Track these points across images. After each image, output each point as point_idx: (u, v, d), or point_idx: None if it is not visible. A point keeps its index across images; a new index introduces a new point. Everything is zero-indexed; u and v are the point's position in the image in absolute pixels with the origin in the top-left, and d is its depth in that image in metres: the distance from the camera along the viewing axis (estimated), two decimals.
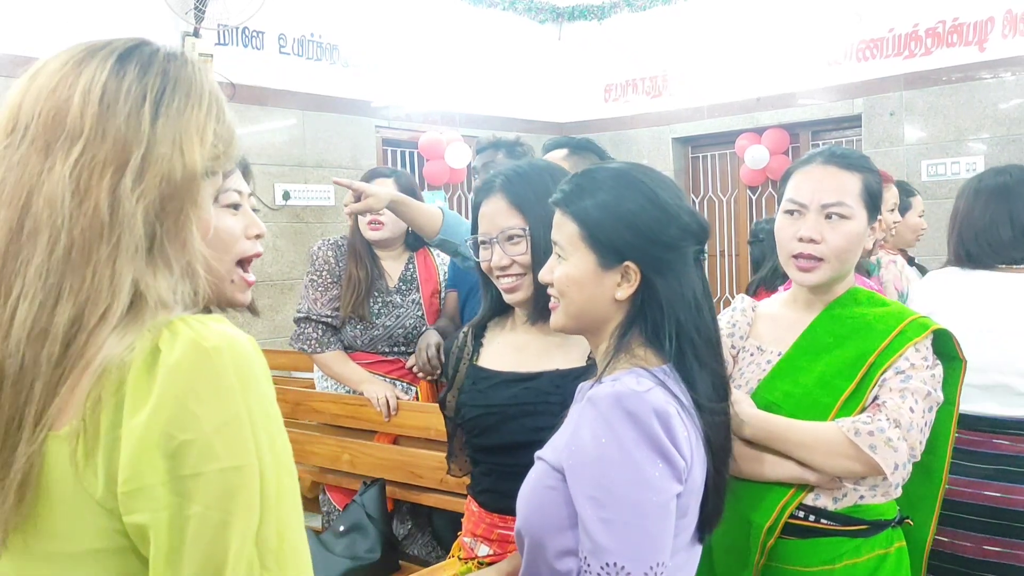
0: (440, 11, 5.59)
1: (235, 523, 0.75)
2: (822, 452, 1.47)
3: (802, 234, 1.55)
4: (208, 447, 0.75)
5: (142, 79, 0.84)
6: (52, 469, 0.77)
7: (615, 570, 1.08)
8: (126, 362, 0.76)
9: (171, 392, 0.75)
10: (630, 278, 1.20)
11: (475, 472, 1.67)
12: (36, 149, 0.81)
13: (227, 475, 0.75)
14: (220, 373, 0.77)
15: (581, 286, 1.22)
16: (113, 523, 0.77)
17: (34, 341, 0.77)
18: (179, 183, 0.83)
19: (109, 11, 4.06)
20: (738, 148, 5.72)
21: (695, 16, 5.77)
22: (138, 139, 0.82)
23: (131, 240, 0.80)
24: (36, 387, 0.77)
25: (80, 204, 0.79)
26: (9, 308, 0.78)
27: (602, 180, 1.25)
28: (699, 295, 1.22)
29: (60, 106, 0.82)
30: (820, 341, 1.59)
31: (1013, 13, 4.68)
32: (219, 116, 0.89)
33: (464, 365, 1.65)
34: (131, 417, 0.75)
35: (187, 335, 0.78)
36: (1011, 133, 4.72)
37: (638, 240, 1.20)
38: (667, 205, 1.22)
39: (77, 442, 0.76)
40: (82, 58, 0.85)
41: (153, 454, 0.74)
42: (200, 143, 0.86)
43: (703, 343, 1.21)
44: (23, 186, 0.80)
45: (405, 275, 2.82)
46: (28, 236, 0.79)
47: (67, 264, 0.78)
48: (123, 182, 0.80)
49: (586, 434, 1.13)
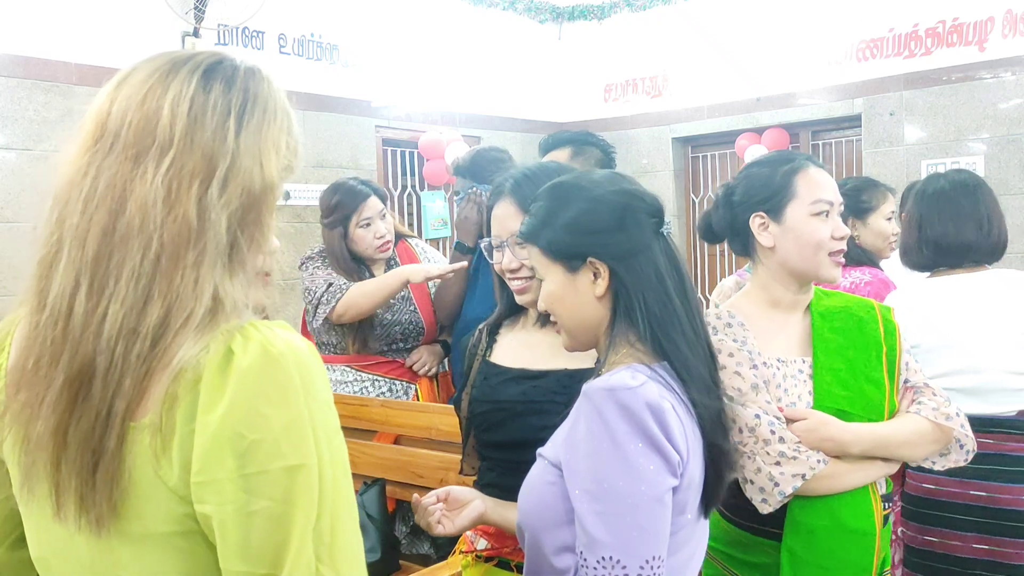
0: (440, 11, 5.59)
1: (296, 517, 0.80)
2: (921, 444, 1.58)
3: (841, 233, 1.63)
4: (275, 446, 0.80)
5: (227, 94, 0.89)
6: (132, 456, 0.82)
7: (610, 564, 1.09)
8: (201, 362, 0.81)
9: (243, 394, 0.80)
10: (600, 272, 1.24)
11: (482, 467, 1.69)
12: (127, 157, 0.85)
13: (291, 473, 0.80)
14: (286, 378, 0.82)
15: (562, 298, 1.28)
16: (185, 508, 0.82)
17: (125, 339, 0.82)
18: (258, 194, 0.89)
19: (110, 11, 4.06)
20: (738, 148, 5.72)
21: (695, 16, 5.77)
22: (223, 151, 0.86)
23: (215, 247, 0.85)
24: (126, 382, 0.82)
25: (170, 211, 0.83)
26: (101, 307, 0.82)
27: (551, 199, 1.31)
28: (663, 268, 1.24)
29: (150, 117, 0.86)
30: (832, 341, 1.62)
31: (1013, 13, 4.69)
32: (289, 129, 0.94)
33: (478, 361, 1.67)
34: (205, 414, 0.80)
35: (258, 340, 0.83)
36: (1011, 133, 4.72)
37: (590, 237, 1.25)
38: (601, 196, 1.27)
39: (156, 433, 0.81)
40: (168, 71, 0.89)
41: (224, 450, 0.79)
42: (276, 156, 0.91)
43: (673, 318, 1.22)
44: (115, 191, 0.84)
45: None
46: (121, 239, 0.83)
47: (157, 268, 0.83)
48: (210, 192, 0.85)
49: (581, 428, 1.14)
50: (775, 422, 1.53)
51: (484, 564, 1.59)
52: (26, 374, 0.86)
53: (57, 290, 0.84)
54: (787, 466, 1.50)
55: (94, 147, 0.87)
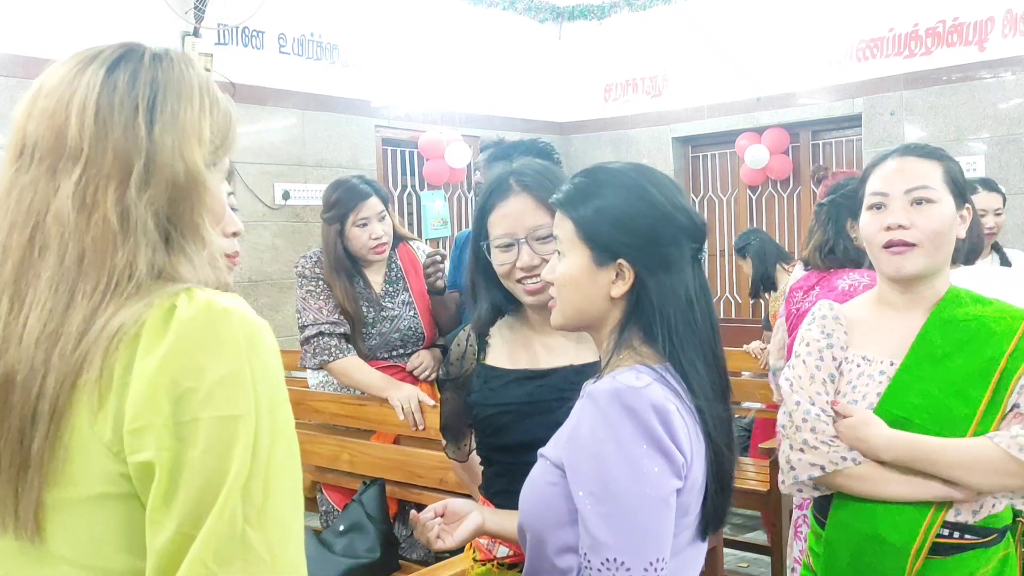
0: (440, 11, 5.59)
1: (227, 471, 0.78)
2: (981, 471, 1.42)
3: (889, 222, 1.52)
4: (209, 395, 0.79)
5: (132, 89, 0.86)
6: (70, 419, 0.80)
7: (615, 565, 1.09)
8: (142, 317, 0.80)
9: (182, 343, 0.79)
10: (624, 276, 1.21)
11: (488, 472, 1.65)
12: (43, 171, 0.84)
13: (224, 423, 0.79)
14: (229, 332, 0.81)
15: (577, 283, 1.24)
16: (118, 466, 0.80)
17: (45, 342, 0.81)
18: (184, 185, 0.86)
19: (109, 11, 4.06)
20: (738, 148, 5.72)
21: (695, 16, 5.78)
22: (137, 149, 0.84)
23: (146, 242, 0.83)
24: (48, 382, 0.80)
25: (88, 217, 0.82)
26: (22, 318, 0.82)
27: (600, 180, 1.26)
28: (693, 293, 1.22)
29: (59, 127, 0.85)
30: (937, 347, 1.51)
31: (1013, 13, 4.69)
32: (212, 108, 0.91)
33: (471, 365, 1.64)
34: (142, 360, 0.79)
35: (203, 297, 0.82)
36: (1011, 133, 4.72)
37: (630, 239, 1.21)
38: (661, 204, 1.23)
39: (94, 390, 0.80)
40: (75, 75, 0.87)
41: (160, 395, 0.78)
42: (199, 142, 0.88)
43: (695, 340, 1.21)
44: (34, 208, 0.84)
45: (390, 276, 2.80)
46: (40, 252, 0.83)
47: (79, 271, 0.82)
48: (128, 192, 0.83)
49: (585, 430, 1.13)
50: (813, 411, 1.53)
51: (508, 571, 1.56)
52: None
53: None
54: (808, 454, 1.52)
55: (16, 164, 0.86)
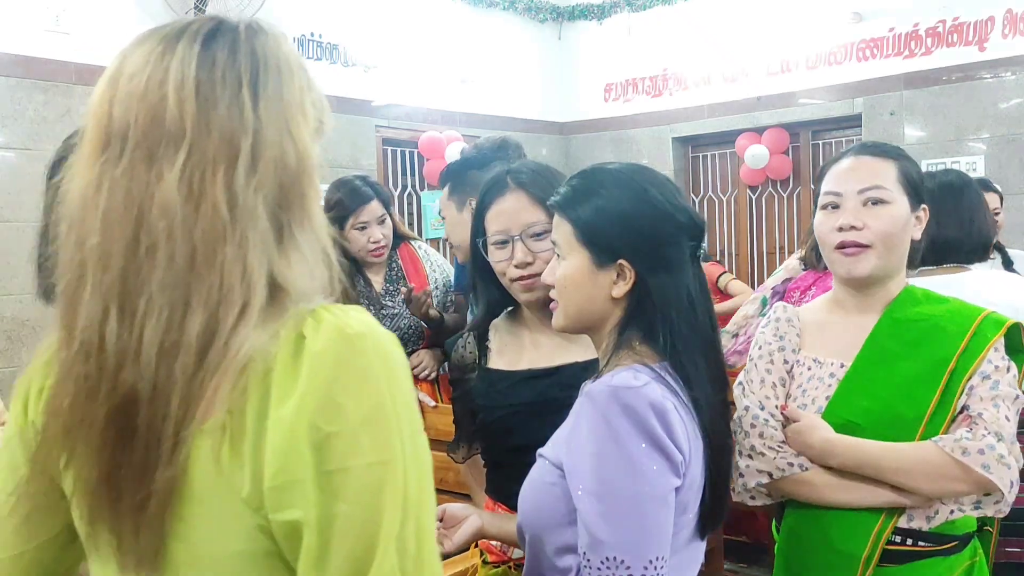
0: (440, 11, 5.59)
1: (381, 523, 0.71)
2: (924, 476, 1.38)
3: (841, 223, 1.49)
4: (353, 440, 0.71)
5: (233, 63, 0.78)
6: (196, 466, 0.73)
7: (614, 564, 1.09)
8: (271, 352, 0.73)
9: (317, 381, 0.72)
10: (625, 276, 1.21)
11: (497, 476, 1.65)
12: (139, 159, 0.76)
13: (372, 470, 0.71)
14: (365, 362, 0.73)
15: (578, 285, 1.24)
16: (258, 522, 0.73)
17: (166, 357, 0.73)
18: (294, 168, 0.79)
19: (110, 11, 4.06)
20: (738, 148, 5.72)
21: (695, 16, 5.77)
22: (243, 128, 0.76)
23: (257, 234, 0.75)
24: (172, 402, 0.73)
25: (196, 208, 0.74)
26: (136, 329, 0.74)
27: (598, 181, 1.26)
28: (693, 292, 1.22)
29: (155, 109, 0.76)
30: (888, 348, 1.48)
31: (1013, 13, 4.68)
32: (310, 84, 0.85)
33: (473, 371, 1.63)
34: (278, 407, 0.72)
35: (331, 322, 0.75)
36: (1011, 133, 4.72)
37: (630, 239, 1.21)
38: (659, 204, 1.23)
39: (223, 436, 0.72)
40: (162, 52, 0.78)
41: (301, 445, 0.71)
42: (304, 119, 0.81)
43: (697, 340, 1.21)
44: (133, 202, 0.75)
45: (390, 275, 2.80)
46: (147, 252, 0.74)
47: (191, 272, 0.74)
48: (236, 176, 0.75)
49: (583, 429, 1.14)
50: (761, 416, 1.50)
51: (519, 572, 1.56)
52: (63, 417, 0.77)
53: (85, 320, 0.75)
54: (756, 460, 1.48)
55: (102, 157, 0.77)
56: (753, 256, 5.96)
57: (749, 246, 5.97)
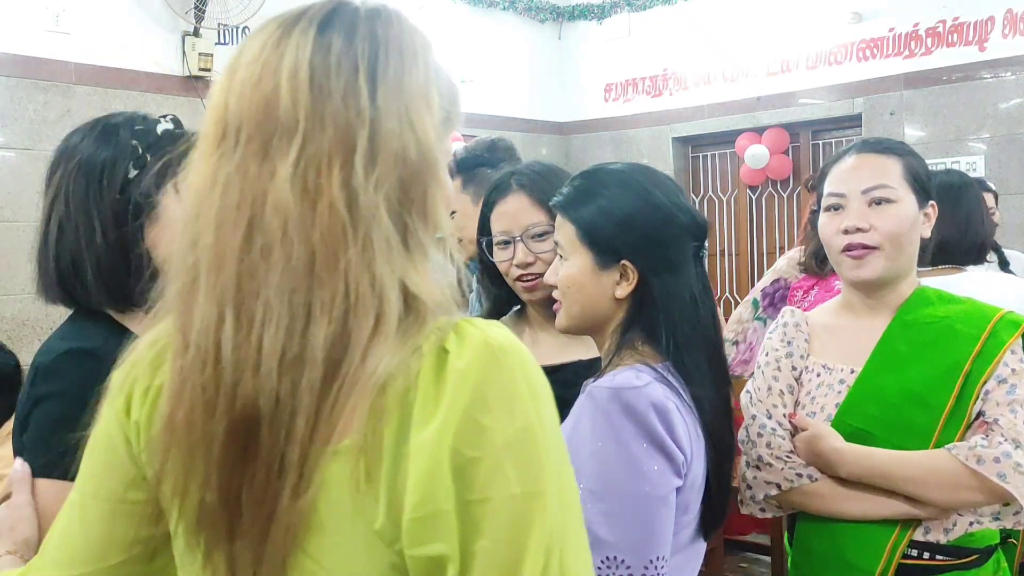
0: (440, 11, 5.59)
1: (522, 562, 0.64)
2: (938, 485, 1.32)
3: (847, 225, 1.43)
4: (497, 466, 0.65)
5: (349, 47, 0.72)
6: (325, 494, 0.67)
7: (615, 563, 1.09)
8: (412, 368, 0.67)
9: (461, 400, 0.66)
10: (628, 277, 1.22)
11: None
12: (252, 153, 0.70)
13: (516, 503, 0.65)
14: (510, 379, 0.67)
15: (581, 286, 1.24)
16: (391, 559, 0.67)
17: (289, 369, 0.67)
18: (416, 162, 0.72)
19: (110, 11, 4.06)
20: (738, 148, 5.72)
21: (695, 16, 5.77)
22: (360, 119, 0.70)
23: (381, 237, 0.69)
24: (298, 420, 0.67)
25: (313, 207, 0.68)
26: (254, 337, 0.68)
27: (600, 182, 1.27)
28: (697, 293, 1.23)
29: (268, 98, 0.71)
30: (899, 353, 1.42)
31: (1013, 13, 4.68)
32: (437, 71, 0.79)
33: None
34: (420, 430, 0.66)
35: (475, 335, 0.69)
36: (1011, 133, 4.72)
37: (633, 239, 1.21)
38: (662, 204, 1.23)
39: (357, 461, 0.66)
40: (279, 37, 0.73)
41: (443, 471, 0.65)
42: (428, 109, 0.75)
43: (700, 340, 1.21)
44: (246, 199, 0.70)
45: None
46: (261, 253, 0.68)
47: (311, 277, 0.68)
48: (354, 172, 0.69)
49: (585, 428, 1.14)
50: (769, 425, 1.46)
51: None
52: (178, 432, 0.71)
53: (200, 325, 0.70)
54: (764, 472, 1.44)
55: (217, 151, 0.72)
56: (753, 256, 5.96)
57: (749, 246, 5.97)
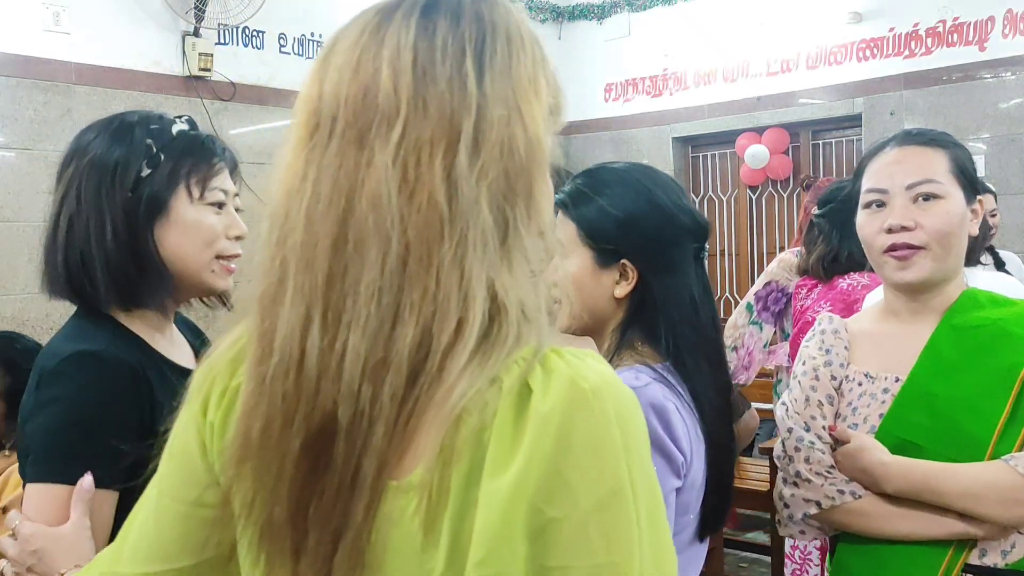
0: None
1: None
2: (995, 501, 1.21)
3: (890, 223, 1.32)
4: (581, 531, 0.58)
5: (456, 30, 0.68)
6: (385, 528, 0.63)
7: None
8: (490, 404, 0.61)
9: (544, 451, 0.59)
10: (628, 276, 1.21)
11: None
12: (348, 142, 0.66)
13: (599, 572, 0.59)
14: (603, 429, 0.60)
15: (580, 285, 1.24)
16: None
17: (372, 375, 0.62)
18: (523, 154, 0.68)
19: (110, 11, 4.06)
20: (738, 148, 5.72)
21: (695, 16, 5.77)
22: (466, 105, 0.66)
23: (478, 233, 0.64)
24: (377, 432, 0.62)
25: (411, 198, 0.64)
26: (339, 342, 0.63)
27: (602, 181, 1.27)
28: (697, 294, 1.22)
29: (368, 84, 0.66)
30: (947, 359, 1.32)
31: (1013, 13, 4.68)
32: (544, 60, 0.75)
33: None
34: (493, 476, 0.59)
35: (563, 372, 0.62)
36: (1011, 133, 4.72)
37: (634, 239, 1.21)
38: (663, 204, 1.23)
39: (421, 499, 0.61)
40: (379, 22, 0.69)
41: (516, 530, 0.58)
42: (536, 97, 0.71)
43: (699, 341, 1.21)
44: (340, 190, 0.65)
45: None
46: (354, 248, 0.64)
47: (404, 276, 0.63)
48: (457, 161, 0.64)
49: None
50: (807, 438, 1.35)
51: None
52: (253, 443, 0.66)
53: (285, 329, 0.65)
54: (802, 489, 1.33)
55: (310, 143, 0.68)
56: (753, 256, 5.95)
57: (749, 246, 5.97)
